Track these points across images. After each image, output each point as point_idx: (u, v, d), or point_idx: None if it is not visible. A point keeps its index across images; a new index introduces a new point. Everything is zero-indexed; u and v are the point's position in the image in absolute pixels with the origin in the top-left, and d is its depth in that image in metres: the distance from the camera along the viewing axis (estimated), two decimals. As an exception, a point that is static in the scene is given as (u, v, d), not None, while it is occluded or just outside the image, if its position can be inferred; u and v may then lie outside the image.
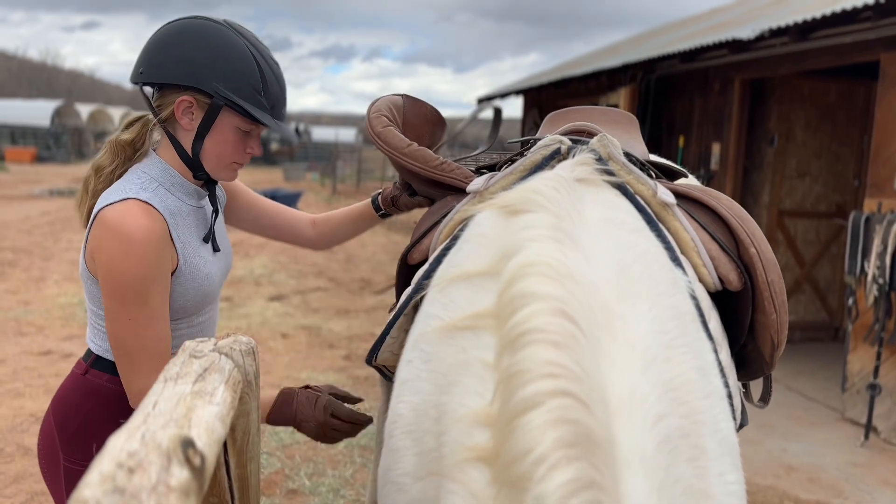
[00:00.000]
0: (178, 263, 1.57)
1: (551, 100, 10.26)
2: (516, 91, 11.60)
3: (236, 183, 1.87)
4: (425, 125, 1.83)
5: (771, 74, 6.47)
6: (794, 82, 6.71)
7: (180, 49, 1.54)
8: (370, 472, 1.81)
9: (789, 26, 5.30)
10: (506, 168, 1.43)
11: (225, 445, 1.24)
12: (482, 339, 0.96)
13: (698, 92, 7.24)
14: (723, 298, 1.34)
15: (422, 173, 1.59)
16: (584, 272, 0.92)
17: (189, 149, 1.60)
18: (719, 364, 1.09)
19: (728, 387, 1.11)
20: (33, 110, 37.25)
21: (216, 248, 1.71)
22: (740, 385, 1.53)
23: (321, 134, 46.18)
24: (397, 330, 1.38)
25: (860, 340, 4.96)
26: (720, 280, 1.30)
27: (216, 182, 1.70)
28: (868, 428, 4.67)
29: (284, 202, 12.12)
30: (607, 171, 1.26)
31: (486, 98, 12.76)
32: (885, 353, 4.70)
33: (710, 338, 1.11)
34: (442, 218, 1.46)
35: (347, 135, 45.59)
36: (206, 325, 1.71)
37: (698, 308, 1.12)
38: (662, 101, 7.81)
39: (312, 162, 32.87)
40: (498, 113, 1.86)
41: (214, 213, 1.72)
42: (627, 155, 1.37)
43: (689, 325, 1.04)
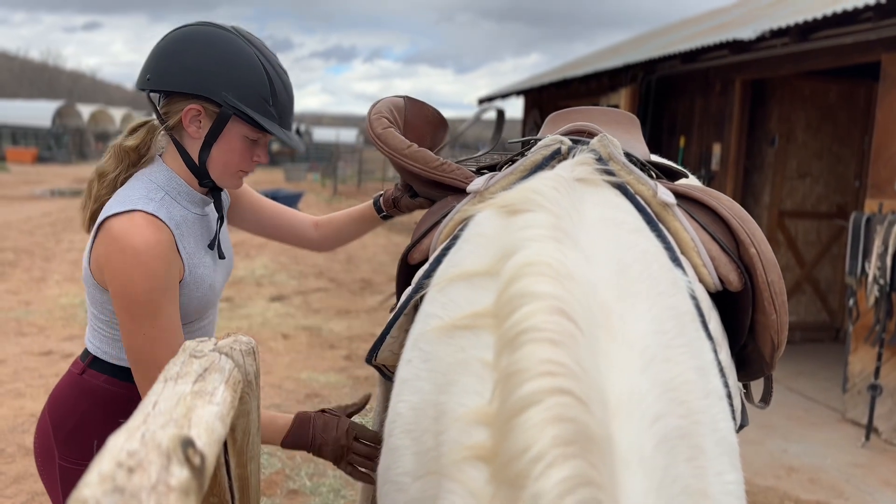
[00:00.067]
0: (184, 274, 1.57)
1: (552, 100, 10.26)
2: (517, 92, 11.60)
3: None
4: (427, 126, 1.83)
5: (772, 75, 6.47)
6: (794, 83, 6.71)
7: (189, 56, 1.52)
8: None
9: (790, 27, 5.30)
10: (506, 168, 1.43)
11: (225, 445, 1.24)
12: (481, 338, 0.96)
13: (699, 92, 7.24)
14: (723, 299, 1.34)
15: (422, 174, 1.59)
16: (583, 272, 0.92)
17: (196, 157, 1.58)
18: (719, 364, 1.08)
19: (728, 387, 1.11)
20: (34, 111, 37.31)
21: (221, 255, 1.71)
22: (741, 385, 1.53)
23: (322, 135, 46.25)
24: (397, 330, 1.38)
25: (861, 341, 4.96)
26: (720, 280, 1.30)
27: (221, 189, 1.69)
28: (869, 429, 4.67)
29: (285, 203, 12.11)
30: (607, 171, 1.26)
31: (487, 99, 12.76)
32: (885, 354, 4.69)
33: (710, 338, 1.11)
34: (442, 218, 1.46)
35: (348, 135, 45.64)
36: (207, 328, 1.72)
37: (698, 308, 1.12)
38: (663, 101, 7.81)
39: (313, 163, 32.91)
40: (501, 115, 1.86)
41: (220, 221, 1.71)
42: (628, 155, 1.36)
43: (688, 325, 1.04)
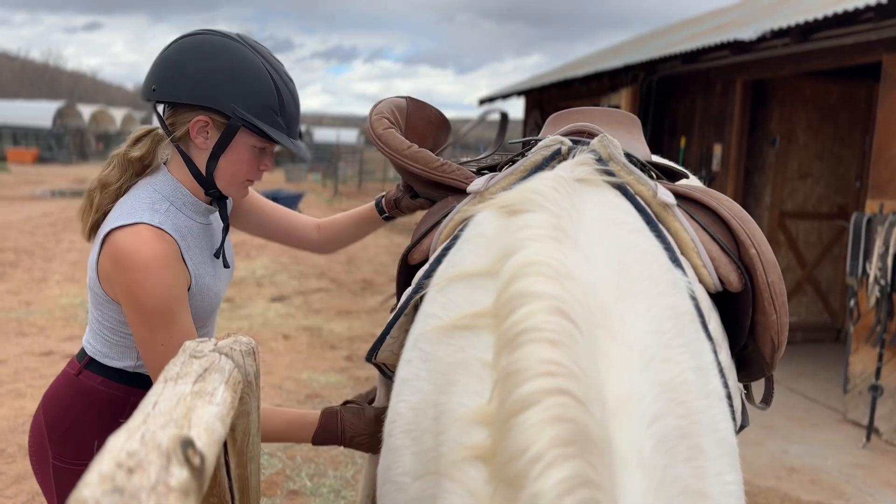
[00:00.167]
0: (191, 284, 1.57)
1: (553, 101, 10.26)
2: (518, 92, 11.60)
3: None
4: (429, 127, 1.83)
5: (772, 75, 6.47)
6: (795, 83, 6.71)
7: (196, 67, 1.50)
8: (364, 471, 1.81)
9: (791, 27, 5.30)
10: (506, 169, 1.43)
11: (225, 446, 1.24)
12: (481, 338, 0.96)
13: (700, 93, 7.24)
14: (723, 299, 1.34)
15: (422, 175, 1.59)
16: (583, 272, 0.92)
17: (203, 167, 1.57)
18: (718, 365, 1.08)
19: (728, 387, 1.11)
20: (35, 111, 37.33)
21: (226, 264, 1.71)
22: (741, 386, 1.53)
23: (323, 135, 46.23)
24: (397, 330, 1.38)
25: (862, 342, 4.96)
26: (720, 281, 1.30)
27: (227, 197, 1.67)
28: (870, 429, 4.67)
29: (286, 203, 12.13)
30: (607, 172, 1.26)
31: (488, 99, 12.76)
32: (886, 355, 4.69)
33: (710, 338, 1.11)
34: (442, 218, 1.46)
35: (349, 136, 45.64)
36: (208, 333, 1.72)
37: (698, 309, 1.12)
38: (664, 101, 7.81)
39: (314, 163, 32.90)
40: (504, 117, 1.86)
41: (225, 229, 1.71)
42: (628, 156, 1.37)
43: (687, 325, 1.04)
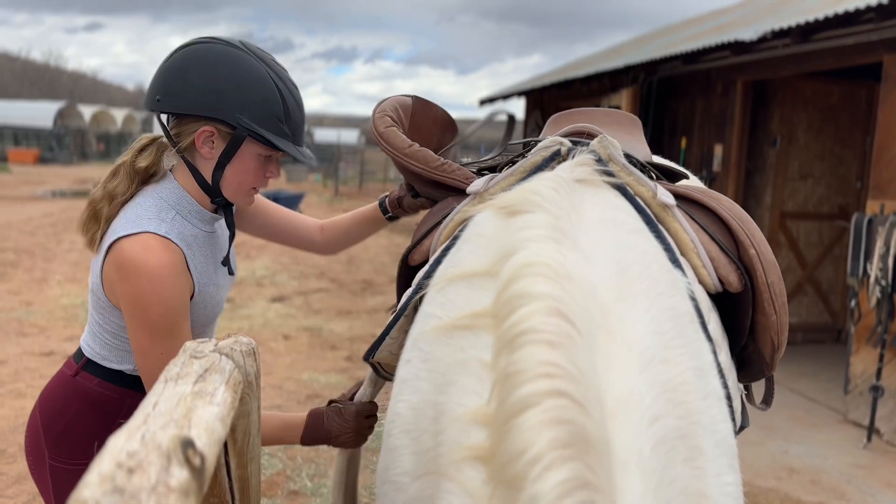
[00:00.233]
0: (194, 293, 1.57)
1: (553, 101, 10.26)
2: (519, 92, 11.60)
3: None
4: (434, 127, 1.83)
5: (773, 76, 6.47)
6: (796, 84, 6.71)
7: (201, 77, 1.49)
8: (334, 471, 1.83)
9: (791, 28, 5.30)
10: (506, 169, 1.43)
11: (225, 446, 1.24)
12: (480, 338, 0.96)
13: (700, 93, 7.24)
14: (723, 300, 1.34)
15: (423, 174, 1.59)
16: (582, 272, 0.92)
17: (209, 177, 1.57)
18: (718, 365, 1.09)
19: (727, 388, 1.11)
20: (36, 111, 37.33)
21: (231, 271, 1.71)
22: (741, 387, 1.53)
23: (323, 135, 46.23)
24: (397, 331, 1.39)
25: (862, 342, 4.96)
26: (720, 281, 1.30)
27: (232, 205, 1.67)
28: (870, 430, 4.67)
29: (287, 203, 12.13)
30: (607, 172, 1.26)
31: (489, 100, 12.76)
32: (887, 355, 4.69)
33: (709, 339, 1.11)
34: (442, 219, 1.46)
35: (350, 136, 45.65)
36: (208, 337, 1.73)
37: (697, 309, 1.12)
38: (664, 102, 7.81)
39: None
40: (511, 119, 1.86)
41: (231, 237, 1.71)
42: (627, 156, 1.37)
43: (687, 325, 1.04)
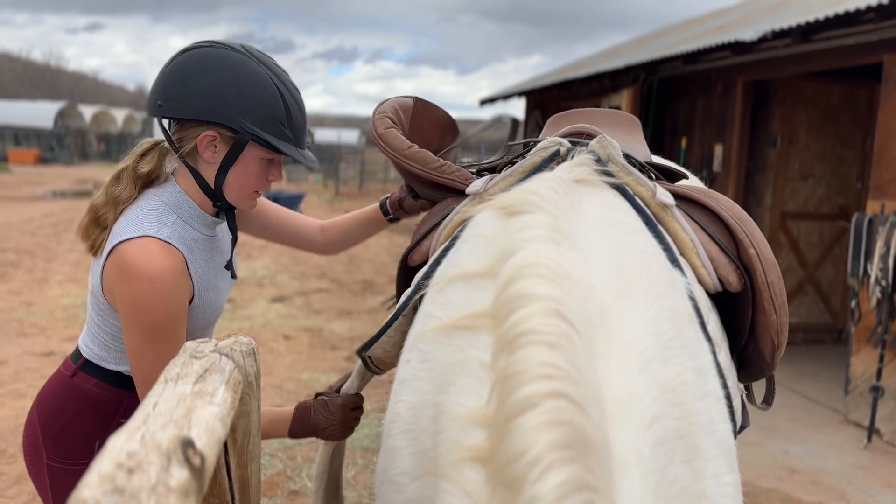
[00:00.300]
0: (194, 297, 1.57)
1: (554, 101, 10.26)
2: (519, 93, 11.59)
3: None
4: (435, 128, 1.83)
5: (774, 76, 6.47)
6: (796, 84, 6.71)
7: (203, 82, 1.49)
8: (318, 461, 1.84)
9: (792, 28, 5.30)
10: (505, 170, 1.43)
11: (226, 446, 1.24)
12: (480, 339, 0.96)
13: (701, 94, 7.24)
14: (723, 299, 1.34)
15: (422, 175, 1.60)
16: (581, 272, 0.93)
17: (211, 181, 1.57)
18: (717, 365, 1.09)
19: (727, 388, 1.12)
20: (37, 112, 37.33)
21: (234, 275, 1.72)
22: (742, 387, 1.53)
23: (324, 136, 46.18)
24: (394, 330, 1.40)
25: (863, 343, 4.95)
26: (720, 281, 1.30)
27: (234, 209, 1.67)
28: (871, 430, 4.67)
29: (287, 203, 12.13)
30: (606, 173, 1.26)
31: (489, 100, 12.75)
32: (888, 356, 4.69)
33: (709, 339, 1.11)
34: (442, 220, 1.46)
35: (350, 136, 45.62)
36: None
37: (696, 309, 1.12)
38: (665, 102, 7.81)
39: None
40: (515, 123, 1.88)
41: (234, 241, 1.71)
42: (627, 156, 1.37)
43: (686, 326, 1.04)
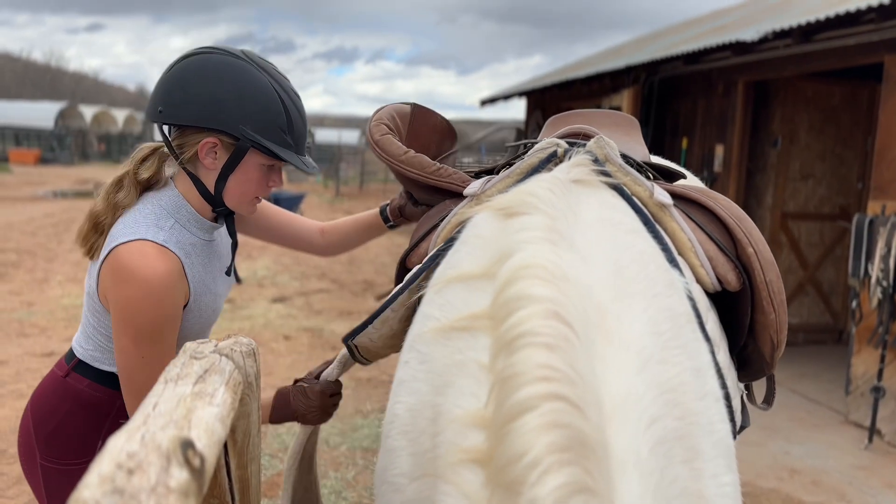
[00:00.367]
0: (189, 301, 1.57)
1: (554, 101, 10.26)
2: (520, 93, 11.59)
3: None
4: (433, 134, 1.83)
5: (774, 76, 6.46)
6: (797, 84, 6.71)
7: (203, 89, 1.49)
8: (294, 442, 1.83)
9: (793, 28, 5.29)
10: (503, 171, 1.43)
11: (226, 447, 1.24)
12: (478, 340, 0.96)
13: (702, 94, 7.23)
14: (722, 299, 1.34)
15: (419, 179, 1.60)
16: (579, 273, 0.93)
17: (211, 187, 1.57)
18: (716, 365, 1.09)
19: (726, 388, 1.12)
20: (37, 112, 37.36)
21: (238, 279, 1.71)
22: (742, 386, 1.53)
23: (324, 136, 46.17)
24: (381, 323, 1.42)
25: (864, 343, 4.95)
26: (718, 280, 1.30)
27: (234, 214, 1.67)
28: (872, 431, 4.66)
29: (288, 204, 12.13)
30: (604, 173, 1.27)
31: (490, 100, 12.76)
32: (888, 356, 4.69)
33: (707, 339, 1.11)
34: (440, 221, 1.47)
35: (351, 137, 45.59)
36: None
37: (695, 309, 1.12)
38: (666, 102, 7.81)
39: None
40: (520, 134, 1.89)
41: (234, 246, 1.72)
42: (624, 156, 1.37)
43: (684, 326, 1.04)
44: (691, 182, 1.71)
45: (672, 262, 1.17)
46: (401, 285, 1.42)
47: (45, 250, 10.22)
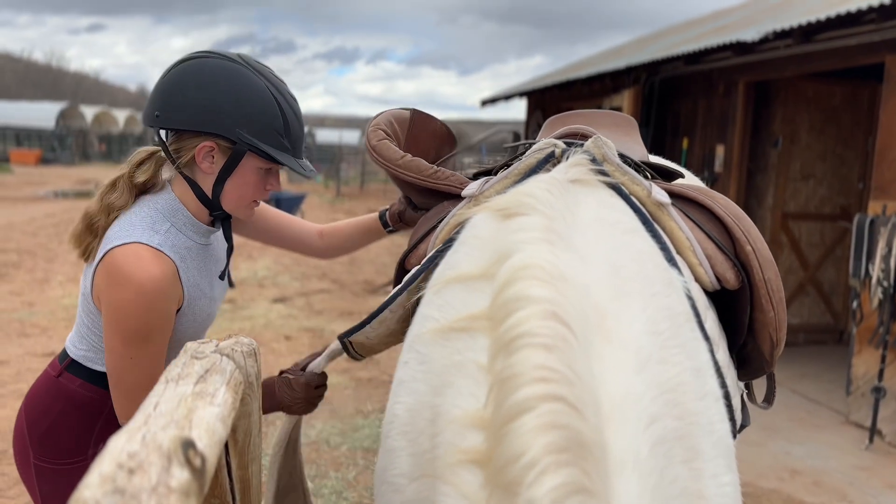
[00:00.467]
0: (183, 304, 1.58)
1: (555, 102, 10.25)
2: (520, 93, 11.59)
3: None
4: (432, 139, 1.84)
5: (775, 76, 6.46)
6: (798, 84, 6.70)
7: (200, 93, 1.49)
8: (279, 431, 1.84)
9: (794, 28, 5.29)
10: (501, 172, 1.44)
11: (227, 447, 1.25)
12: (477, 341, 0.97)
13: (702, 94, 7.23)
14: (721, 297, 1.34)
15: (417, 183, 1.61)
16: (577, 273, 0.93)
17: (209, 191, 1.57)
18: (716, 364, 1.09)
19: (725, 387, 1.12)
20: (38, 112, 37.38)
21: (231, 284, 1.73)
22: (742, 385, 1.53)
23: (325, 136, 46.15)
24: (378, 323, 1.43)
25: (865, 343, 4.95)
26: (717, 279, 1.30)
27: (230, 218, 1.67)
28: (873, 431, 4.66)
29: (288, 204, 12.13)
30: (601, 172, 1.27)
31: (490, 100, 12.76)
32: (889, 356, 4.68)
33: (706, 338, 1.11)
34: (438, 223, 1.47)
35: (351, 137, 45.58)
36: None
37: (694, 308, 1.12)
38: (666, 103, 7.80)
39: (316, 164, 32.88)
40: (516, 136, 1.89)
41: (230, 250, 1.72)
42: (622, 156, 1.37)
43: (683, 325, 1.04)
44: (690, 181, 1.71)
45: (670, 260, 1.17)
46: (399, 286, 1.42)
47: (45, 250, 10.22)
